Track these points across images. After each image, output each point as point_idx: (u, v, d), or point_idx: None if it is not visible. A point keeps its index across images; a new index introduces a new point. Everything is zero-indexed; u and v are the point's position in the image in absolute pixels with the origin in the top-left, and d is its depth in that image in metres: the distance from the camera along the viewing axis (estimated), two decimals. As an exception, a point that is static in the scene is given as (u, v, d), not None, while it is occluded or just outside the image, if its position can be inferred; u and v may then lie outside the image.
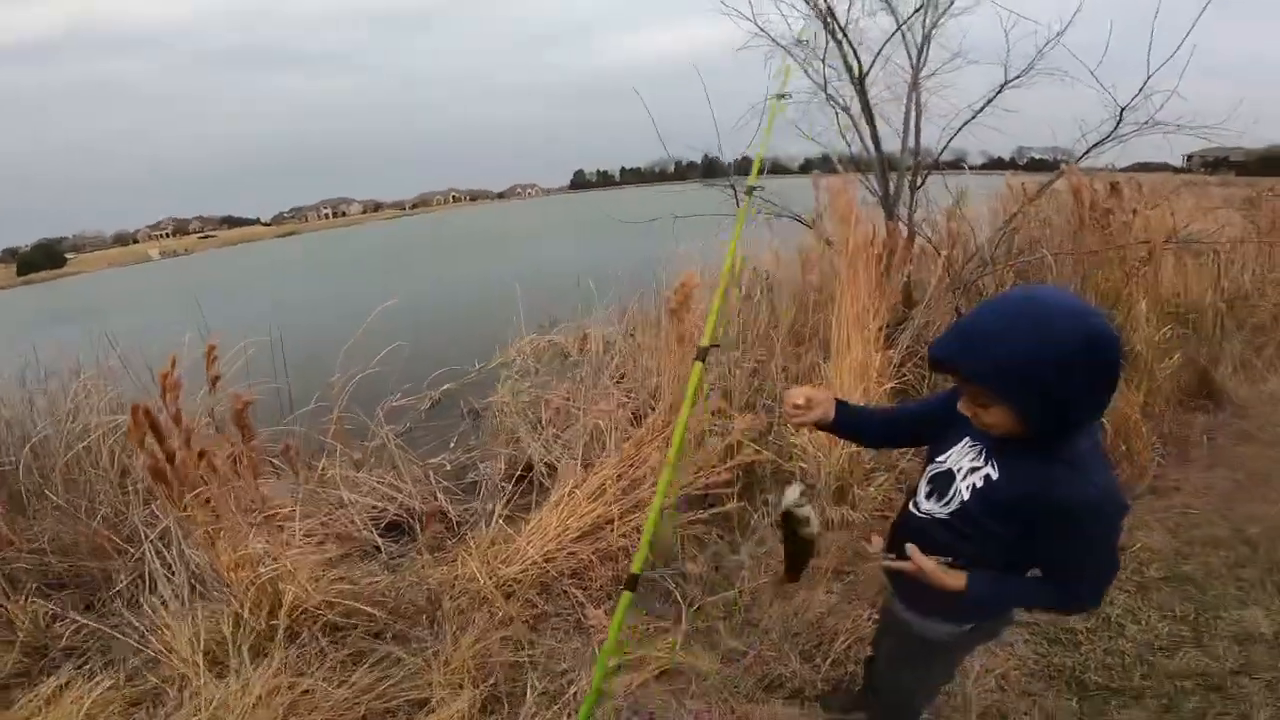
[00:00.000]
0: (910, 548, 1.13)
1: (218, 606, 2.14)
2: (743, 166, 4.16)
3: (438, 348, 5.35)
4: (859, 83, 3.85)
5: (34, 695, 1.89)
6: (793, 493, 1.22)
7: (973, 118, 3.80)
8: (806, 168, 5.48)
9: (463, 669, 1.96)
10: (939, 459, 1.18)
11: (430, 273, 15.70)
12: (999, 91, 3.70)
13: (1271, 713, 1.75)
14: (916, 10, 3.74)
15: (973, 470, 1.11)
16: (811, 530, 1.25)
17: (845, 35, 3.75)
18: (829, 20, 3.72)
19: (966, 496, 1.11)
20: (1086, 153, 3.58)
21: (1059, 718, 1.80)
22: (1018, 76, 3.63)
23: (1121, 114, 3.36)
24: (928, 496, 1.19)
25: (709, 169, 4.12)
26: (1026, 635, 2.10)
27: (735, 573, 2.46)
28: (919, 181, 4.01)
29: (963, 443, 1.15)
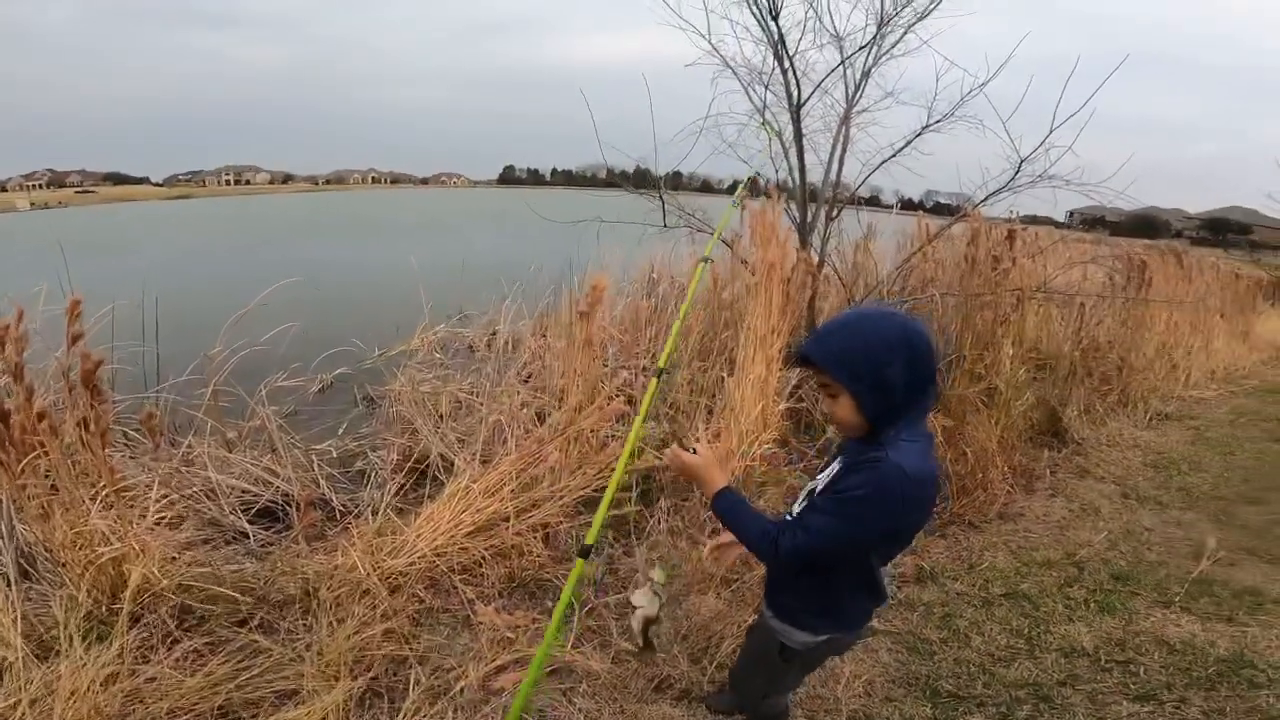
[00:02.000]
0: (699, 444, 1.33)
1: (46, 589, 1.90)
2: (672, 181, 4.24)
3: (335, 329, 5.06)
4: (795, 111, 3.97)
5: None
6: (660, 575, 1.34)
7: (893, 155, 4.00)
8: (732, 188, 5.68)
9: (339, 661, 1.85)
10: (816, 478, 1.31)
11: (333, 251, 14.82)
12: (919, 134, 3.91)
13: (1091, 723, 1.95)
14: (861, 47, 3.90)
15: (826, 473, 1.26)
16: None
17: (792, 63, 3.86)
18: (779, 47, 3.84)
19: (819, 489, 1.24)
20: (984, 200, 3.86)
21: (915, 722, 1.93)
22: (938, 120, 3.84)
23: (1020, 165, 3.61)
24: (798, 505, 1.30)
25: (639, 178, 4.15)
26: (890, 644, 2.25)
27: (629, 575, 2.49)
28: (835, 213, 4.21)
29: (833, 464, 1.28)
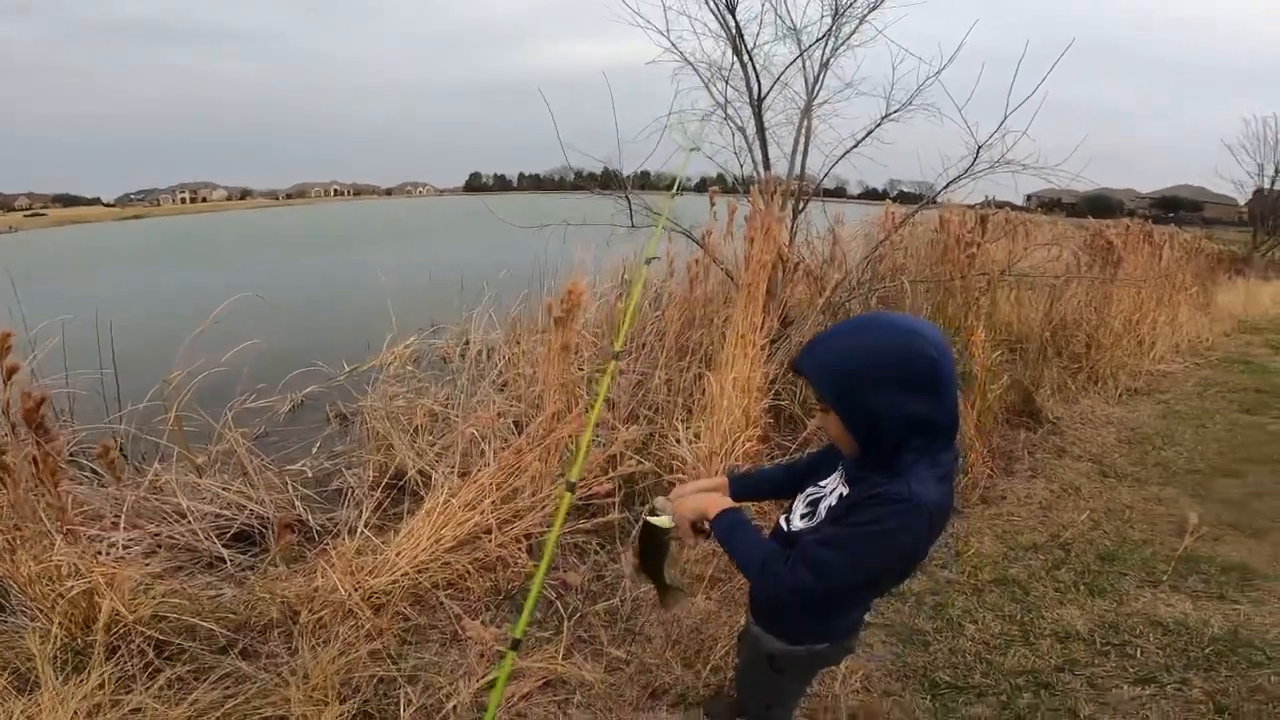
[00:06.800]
0: (662, 500, 1.24)
1: (21, 621, 1.86)
2: (640, 181, 4.21)
3: (303, 347, 4.94)
4: (757, 105, 3.97)
5: None
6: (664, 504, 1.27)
7: (855, 146, 4.02)
8: (700, 186, 5.68)
9: (326, 685, 1.79)
10: (819, 484, 1.23)
11: (297, 266, 14.45)
12: (879, 124, 3.94)
13: (1095, 709, 1.93)
14: (818, 39, 3.92)
15: (834, 491, 1.17)
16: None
17: (750, 58, 3.86)
18: (738, 41, 3.83)
19: (823, 514, 1.16)
20: (945, 187, 3.89)
21: (917, 716, 1.92)
22: (897, 110, 3.88)
23: (979, 151, 3.65)
24: (801, 517, 1.22)
25: (606, 180, 4.10)
26: (884, 637, 2.23)
27: (617, 582, 2.45)
28: (801, 206, 4.22)
29: (838, 470, 1.20)
